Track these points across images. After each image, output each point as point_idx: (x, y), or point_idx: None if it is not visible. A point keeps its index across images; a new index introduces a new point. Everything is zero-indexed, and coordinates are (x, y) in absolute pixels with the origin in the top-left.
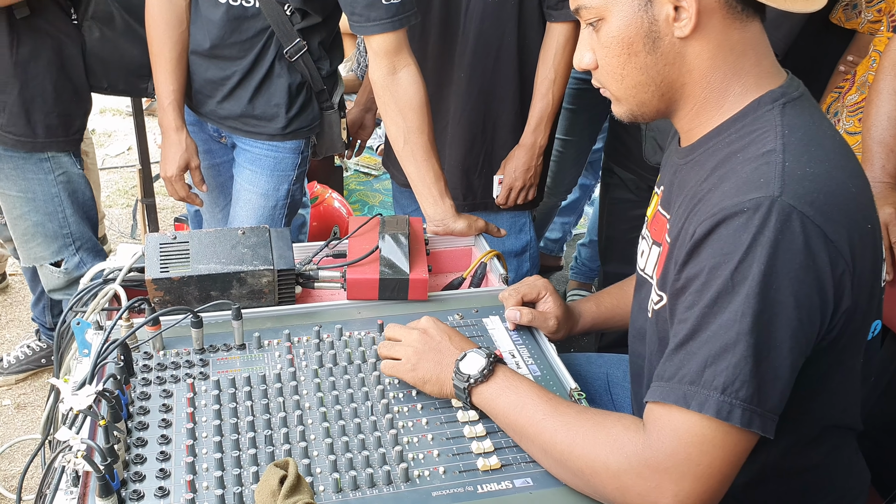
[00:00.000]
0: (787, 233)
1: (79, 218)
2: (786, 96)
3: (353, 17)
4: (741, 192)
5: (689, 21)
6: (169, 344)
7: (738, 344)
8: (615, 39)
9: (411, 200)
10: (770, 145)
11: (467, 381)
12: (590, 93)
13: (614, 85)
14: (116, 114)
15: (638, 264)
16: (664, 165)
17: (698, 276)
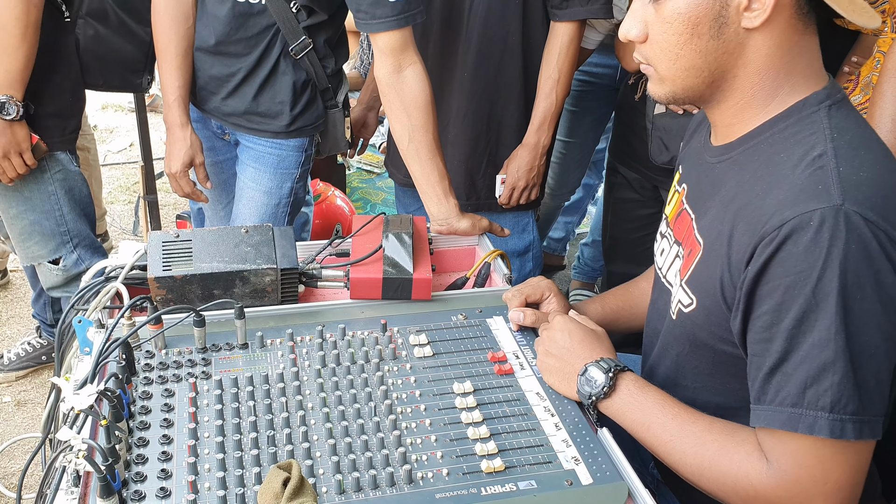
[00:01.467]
0: (858, 241)
1: (76, 215)
2: (831, 98)
3: (359, 15)
4: (800, 201)
5: (761, 13)
6: (171, 343)
7: (836, 362)
8: (682, 16)
9: (414, 199)
10: (820, 149)
11: (589, 398)
12: (593, 94)
13: (665, 63)
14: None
15: (657, 263)
16: (684, 162)
17: (772, 293)
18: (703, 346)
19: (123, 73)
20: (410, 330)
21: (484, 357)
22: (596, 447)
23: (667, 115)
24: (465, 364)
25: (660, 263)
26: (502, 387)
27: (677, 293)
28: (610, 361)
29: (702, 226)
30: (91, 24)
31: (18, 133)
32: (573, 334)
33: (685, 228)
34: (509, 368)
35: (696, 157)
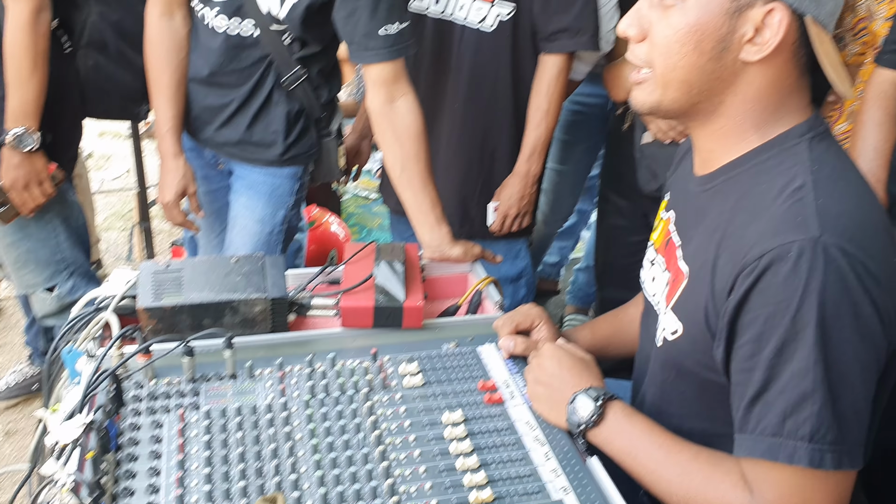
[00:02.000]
0: (836, 272)
1: (72, 243)
2: (813, 130)
3: (352, 47)
4: (779, 232)
5: (761, 50)
6: (160, 373)
7: (815, 392)
8: (690, 27)
9: (407, 226)
10: (800, 180)
11: (578, 426)
12: (584, 123)
13: (661, 67)
14: (116, 137)
15: (646, 289)
16: (671, 189)
17: (752, 324)
18: (688, 373)
19: (122, 101)
20: (401, 359)
21: (474, 386)
22: (585, 476)
23: (654, 144)
24: (455, 393)
25: (651, 290)
26: (492, 416)
27: (663, 320)
28: (599, 390)
29: (687, 253)
30: (91, 54)
31: (37, 163)
32: (562, 362)
33: (672, 256)
34: (499, 397)
35: (681, 186)
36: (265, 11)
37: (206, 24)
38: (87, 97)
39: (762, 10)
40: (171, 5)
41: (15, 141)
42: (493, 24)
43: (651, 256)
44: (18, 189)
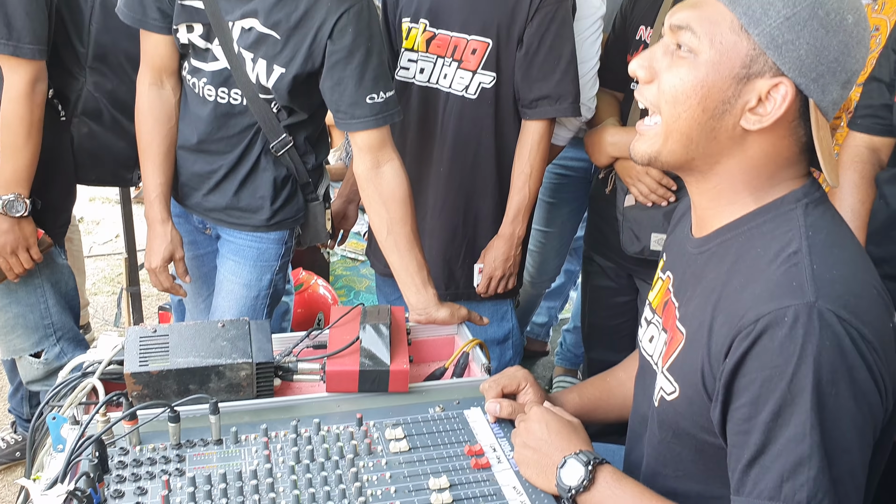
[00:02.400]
0: (831, 338)
1: (61, 308)
2: (808, 196)
3: (339, 115)
4: (775, 297)
5: (760, 121)
6: (146, 439)
7: (812, 457)
8: (696, 82)
9: (394, 289)
10: (794, 245)
11: (568, 491)
12: (569, 186)
13: (667, 113)
14: (106, 202)
15: (644, 348)
16: (669, 250)
17: (749, 387)
18: (685, 434)
19: (115, 168)
20: (387, 423)
21: (461, 450)
22: None
23: (636, 207)
24: (441, 458)
25: (649, 350)
26: (479, 481)
27: (660, 380)
28: (589, 454)
29: (683, 315)
30: (85, 122)
31: (26, 229)
32: (550, 426)
33: (669, 316)
34: (486, 462)
35: (679, 247)
36: (254, 80)
37: (195, 93)
38: (80, 164)
39: (769, 82)
40: (161, 75)
41: (5, 207)
42: (475, 92)
43: (649, 316)
44: (6, 254)
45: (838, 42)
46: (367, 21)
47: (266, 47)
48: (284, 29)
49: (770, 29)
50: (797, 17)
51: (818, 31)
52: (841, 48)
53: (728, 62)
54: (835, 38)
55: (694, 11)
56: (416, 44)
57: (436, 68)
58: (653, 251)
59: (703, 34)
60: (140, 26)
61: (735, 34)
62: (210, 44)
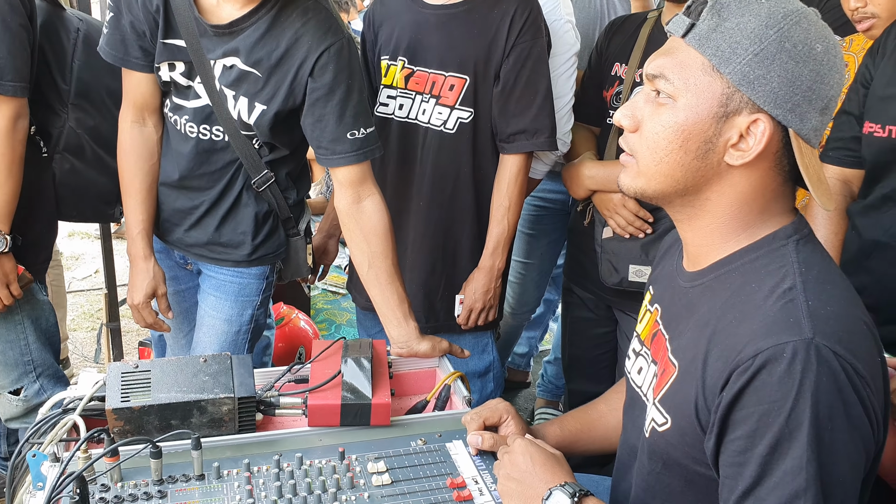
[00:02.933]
0: (828, 374)
1: (41, 345)
2: (798, 233)
3: (320, 151)
4: (772, 332)
5: (743, 156)
6: (127, 475)
7: (808, 490)
8: (677, 126)
9: (375, 322)
10: (789, 282)
11: None
12: (548, 218)
13: (647, 161)
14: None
15: (633, 380)
16: (656, 283)
17: (745, 420)
18: (676, 465)
19: (97, 204)
20: (369, 457)
21: (443, 483)
22: None
23: (614, 239)
24: (423, 491)
25: (638, 381)
26: None
27: (651, 411)
28: (574, 486)
29: (675, 347)
30: (67, 158)
31: (6, 265)
32: (534, 458)
33: (660, 348)
34: (468, 495)
35: (668, 280)
36: (235, 117)
37: (177, 130)
38: (62, 200)
39: (748, 118)
40: (143, 113)
41: None
42: (454, 126)
43: (637, 347)
44: None
45: (809, 71)
46: (348, 59)
47: (247, 85)
48: (266, 67)
49: (741, 67)
50: (766, 53)
51: (788, 64)
52: (813, 76)
53: (705, 103)
54: (805, 67)
55: (667, 58)
56: (395, 80)
57: (414, 104)
58: (631, 282)
59: (678, 79)
60: (122, 65)
61: (708, 75)
62: (192, 81)
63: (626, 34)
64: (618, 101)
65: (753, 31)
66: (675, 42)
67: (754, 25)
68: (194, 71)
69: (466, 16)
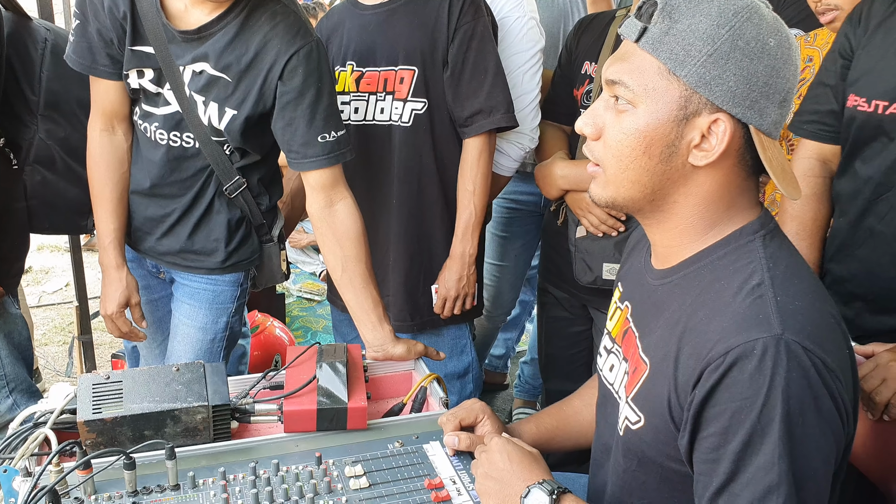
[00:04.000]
0: (798, 369)
1: (14, 359)
2: (765, 228)
3: (291, 155)
4: (742, 329)
5: (707, 156)
6: (101, 488)
7: (780, 485)
8: (639, 132)
9: (352, 327)
10: (757, 278)
11: None
12: (520, 220)
13: (613, 168)
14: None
15: (605, 377)
16: (624, 280)
17: (718, 417)
18: (650, 462)
19: (70, 215)
20: (346, 461)
21: (421, 485)
22: None
23: (588, 238)
24: (401, 493)
25: (610, 379)
26: None
27: (623, 410)
28: (552, 483)
29: (647, 345)
30: (38, 170)
31: None
32: (512, 456)
33: (631, 346)
34: (446, 495)
35: (636, 277)
36: (206, 123)
37: (147, 137)
38: (33, 213)
39: (708, 118)
40: (112, 121)
41: None
42: (409, 119)
43: (608, 345)
44: None
45: (764, 66)
46: (317, 62)
47: (217, 90)
48: (235, 72)
49: (696, 69)
50: (719, 52)
51: (742, 62)
52: (769, 72)
53: (664, 108)
54: (760, 63)
55: (623, 64)
56: (347, 85)
57: (369, 105)
58: (605, 280)
59: (636, 85)
60: (90, 73)
61: (665, 79)
62: (161, 88)
63: (595, 33)
64: (588, 99)
65: (706, 31)
66: (629, 46)
67: (706, 26)
68: (163, 77)
69: (406, 8)
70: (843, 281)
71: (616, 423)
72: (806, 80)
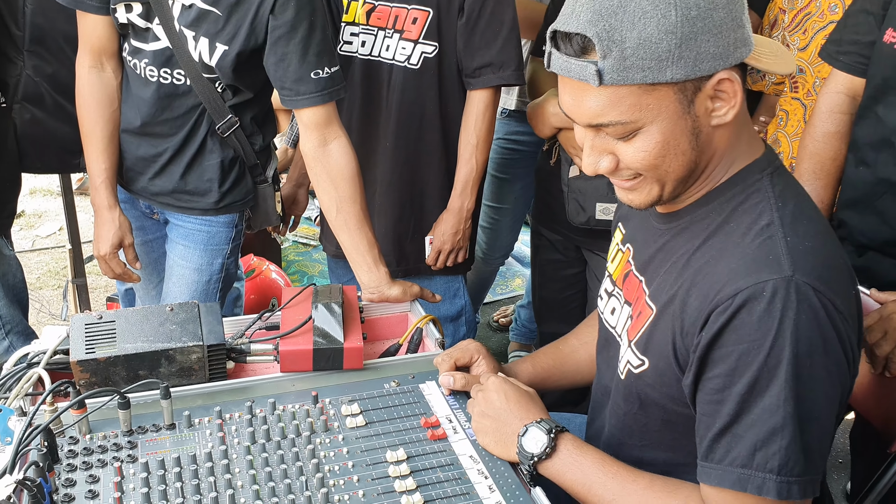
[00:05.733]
0: (808, 311)
1: (9, 301)
2: (771, 165)
3: (283, 92)
4: (752, 271)
5: (731, 109)
6: (96, 427)
7: (785, 427)
8: (658, 144)
9: (346, 270)
10: (766, 218)
11: (530, 459)
12: (520, 161)
13: (654, 175)
14: (47, 194)
15: (606, 320)
16: (626, 222)
17: (725, 359)
18: (653, 405)
19: (61, 154)
20: (342, 400)
21: (417, 423)
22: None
23: (581, 178)
24: (398, 431)
25: (612, 322)
26: (436, 452)
27: (626, 354)
28: (550, 422)
29: (653, 291)
30: (27, 108)
31: None
32: (509, 395)
33: (634, 291)
34: (442, 433)
35: (640, 220)
36: (197, 59)
37: (137, 74)
38: (24, 152)
39: (710, 84)
40: (101, 57)
41: None
42: (418, 62)
43: (609, 288)
44: None
45: (723, 11)
46: None
47: (207, 24)
48: (225, 5)
49: (674, 65)
50: (684, 35)
51: (707, 23)
52: (728, 10)
53: (668, 111)
54: (718, 12)
55: (596, 106)
56: (357, 16)
57: (377, 40)
58: (598, 220)
59: (628, 116)
60: (76, 7)
61: (652, 93)
62: (150, 23)
63: None
64: None
65: (658, 28)
66: (584, 87)
67: (654, 24)
68: (152, 12)
69: None
70: (859, 233)
71: (617, 366)
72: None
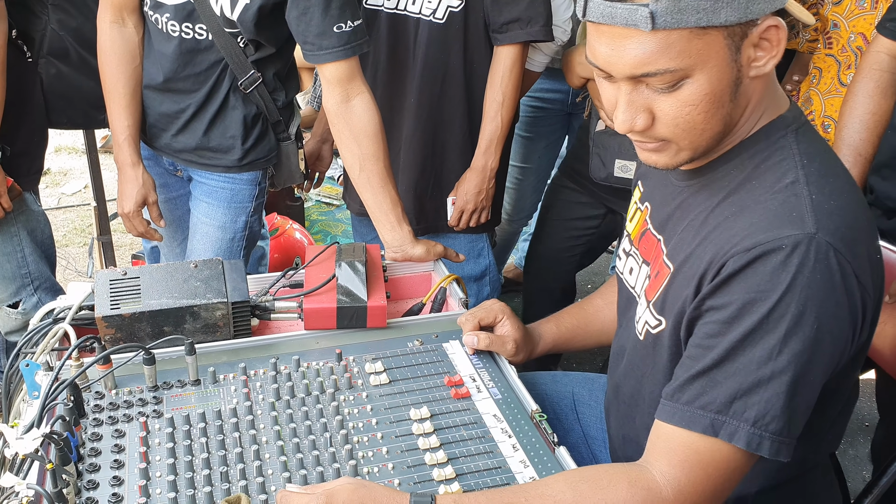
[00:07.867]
0: (824, 271)
1: (37, 257)
2: (797, 122)
3: (306, 46)
4: (774, 226)
5: (772, 59)
6: (121, 382)
7: (771, 381)
8: (706, 96)
9: (370, 229)
10: (791, 176)
11: None
12: (546, 119)
13: (690, 138)
14: (72, 152)
15: (625, 280)
16: (645, 180)
17: (726, 306)
18: (669, 365)
19: (87, 109)
20: (366, 358)
21: (441, 382)
22: (553, 466)
23: (606, 132)
24: (421, 390)
25: (631, 282)
26: (459, 410)
27: (644, 314)
28: (424, 496)
29: (671, 249)
30: (53, 62)
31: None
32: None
33: (652, 250)
34: (466, 392)
35: (658, 177)
36: (218, 13)
37: (159, 29)
38: (50, 107)
39: (758, 31)
40: (122, 12)
41: None
42: (444, 16)
43: (627, 247)
44: None
45: None
46: None
47: None
48: None
49: (728, 5)
50: None
51: None
52: None
53: (718, 58)
54: None
55: (641, 54)
56: None
57: None
58: (617, 178)
59: (677, 63)
60: None
61: (702, 37)
62: None
63: None
64: None
65: None
66: (628, 33)
67: None
68: None
69: None
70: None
71: (634, 326)
72: None
